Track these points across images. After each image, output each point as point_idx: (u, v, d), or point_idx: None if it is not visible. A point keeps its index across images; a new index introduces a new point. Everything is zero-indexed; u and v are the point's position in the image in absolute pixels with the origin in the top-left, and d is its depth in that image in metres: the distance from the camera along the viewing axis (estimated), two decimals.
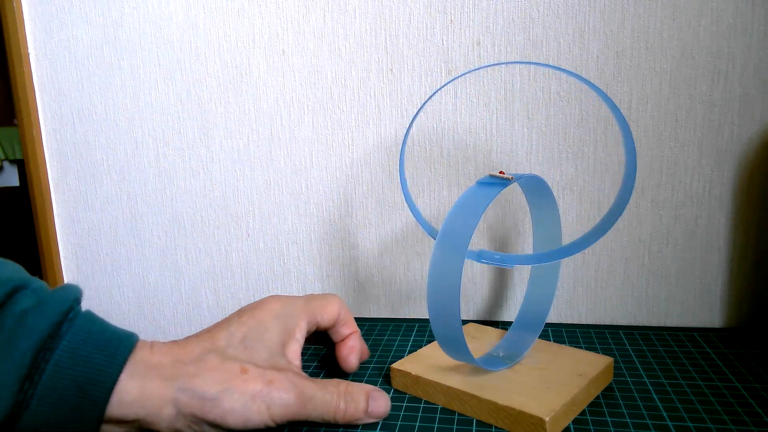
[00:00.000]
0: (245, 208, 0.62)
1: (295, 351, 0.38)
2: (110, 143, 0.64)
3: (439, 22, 0.54)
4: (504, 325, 0.55)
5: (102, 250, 0.67)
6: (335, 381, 0.38)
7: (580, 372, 0.40)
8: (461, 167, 0.56)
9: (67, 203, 0.67)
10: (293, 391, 0.34)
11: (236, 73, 0.60)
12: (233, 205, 0.63)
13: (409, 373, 0.41)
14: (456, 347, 0.38)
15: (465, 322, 0.53)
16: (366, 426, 0.38)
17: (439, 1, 0.54)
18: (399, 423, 0.38)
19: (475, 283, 0.58)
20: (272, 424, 0.34)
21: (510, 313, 0.58)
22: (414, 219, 0.58)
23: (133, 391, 0.31)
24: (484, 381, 0.39)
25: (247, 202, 0.62)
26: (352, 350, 0.43)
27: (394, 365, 0.43)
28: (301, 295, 0.43)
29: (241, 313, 0.39)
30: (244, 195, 0.62)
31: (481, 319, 0.58)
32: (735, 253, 0.53)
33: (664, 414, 0.38)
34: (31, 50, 0.64)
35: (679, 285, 0.54)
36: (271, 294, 0.63)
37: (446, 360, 0.43)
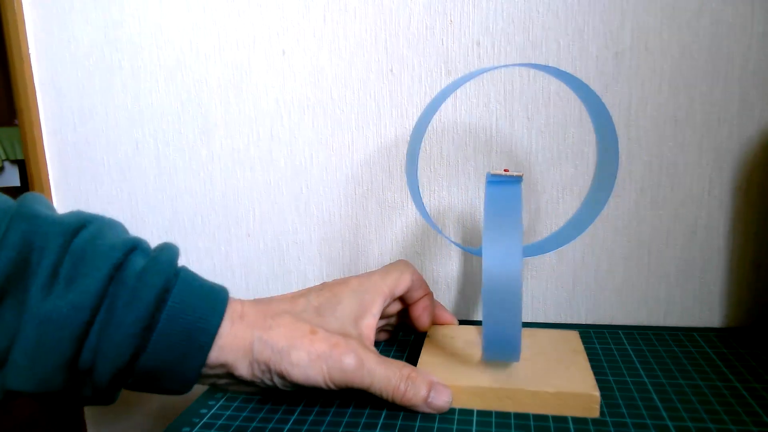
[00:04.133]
0: (245, 208, 0.62)
1: (369, 325, 0.41)
2: (110, 143, 0.64)
3: (439, 22, 0.54)
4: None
5: None
6: (401, 363, 0.39)
7: (572, 348, 0.43)
8: (461, 167, 0.56)
9: (67, 203, 0.67)
10: (353, 359, 0.36)
11: (236, 73, 0.60)
12: (233, 205, 0.63)
13: None
14: (510, 346, 0.38)
15: (476, 322, 0.53)
16: (366, 426, 0.38)
17: (439, 1, 0.54)
18: (399, 423, 0.38)
19: (475, 285, 0.58)
20: (331, 386, 0.37)
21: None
22: (414, 219, 0.58)
23: (227, 337, 0.35)
24: (511, 374, 0.40)
25: (247, 202, 0.62)
26: (425, 309, 0.47)
27: None
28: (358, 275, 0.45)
29: (322, 286, 0.43)
30: (244, 195, 0.62)
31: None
32: (735, 254, 0.53)
33: (664, 414, 0.38)
34: (31, 50, 0.64)
35: (679, 285, 0.54)
36: (271, 294, 0.63)
37: (458, 362, 0.42)
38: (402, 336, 0.53)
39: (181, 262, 0.65)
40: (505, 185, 0.39)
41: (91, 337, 0.32)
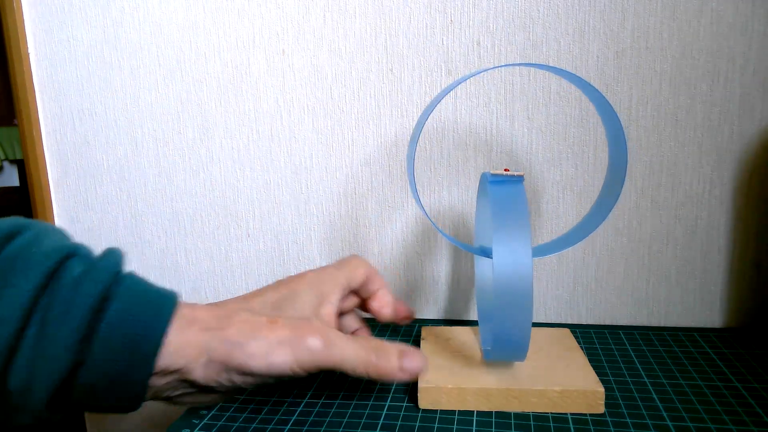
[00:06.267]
0: (245, 208, 0.62)
1: (329, 313, 0.40)
2: (110, 143, 0.64)
3: (439, 22, 0.54)
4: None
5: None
6: (368, 337, 0.39)
7: (567, 346, 0.44)
8: (461, 167, 0.56)
9: (67, 203, 0.67)
10: (319, 337, 0.35)
11: (236, 73, 0.60)
12: (233, 205, 0.63)
13: (446, 387, 0.39)
14: (518, 346, 0.38)
15: (471, 322, 0.53)
16: (366, 426, 0.38)
17: (439, 1, 0.54)
18: (398, 424, 0.38)
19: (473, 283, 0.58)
20: (299, 370, 0.34)
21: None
22: (414, 219, 0.58)
23: (177, 342, 0.33)
24: (515, 374, 0.40)
25: (247, 202, 0.62)
26: (384, 301, 0.45)
27: (422, 384, 0.40)
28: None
29: (277, 283, 0.41)
30: (244, 195, 0.62)
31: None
32: (735, 253, 0.53)
33: (664, 414, 0.38)
34: (31, 50, 0.64)
35: (679, 285, 0.54)
36: None
37: (460, 364, 0.42)
38: (401, 338, 0.53)
39: (181, 262, 0.65)
40: (508, 185, 0.38)
41: (23, 353, 0.29)
